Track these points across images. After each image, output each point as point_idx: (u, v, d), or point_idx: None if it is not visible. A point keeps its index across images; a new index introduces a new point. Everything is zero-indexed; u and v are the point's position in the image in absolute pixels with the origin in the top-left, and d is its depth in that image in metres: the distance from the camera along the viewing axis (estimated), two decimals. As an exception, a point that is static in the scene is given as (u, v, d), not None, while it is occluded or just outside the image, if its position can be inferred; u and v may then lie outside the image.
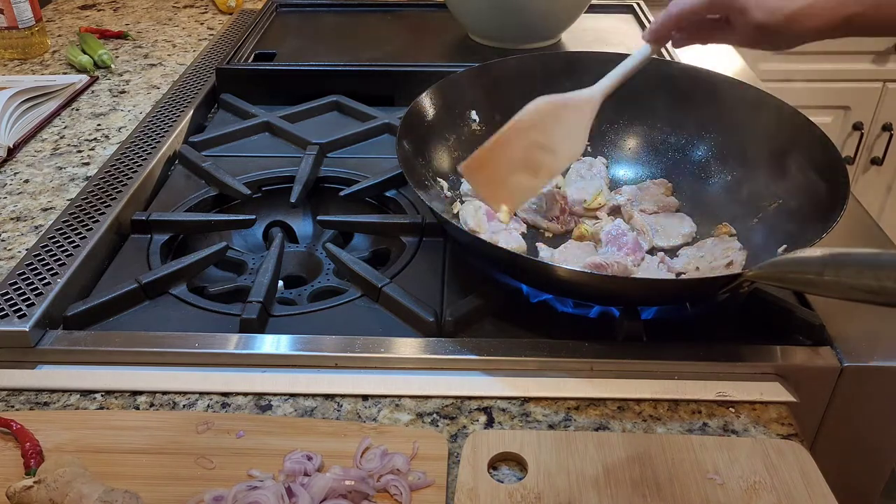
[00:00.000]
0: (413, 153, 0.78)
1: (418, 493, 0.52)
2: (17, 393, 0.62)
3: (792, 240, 0.68)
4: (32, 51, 1.25)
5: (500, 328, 0.67)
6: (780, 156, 0.76)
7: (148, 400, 0.62)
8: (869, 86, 1.90)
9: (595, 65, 0.88)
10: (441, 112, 0.83)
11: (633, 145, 0.87)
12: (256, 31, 1.21)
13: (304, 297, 0.75)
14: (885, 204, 2.06)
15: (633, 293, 0.66)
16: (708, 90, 0.84)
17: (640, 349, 0.64)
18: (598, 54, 0.91)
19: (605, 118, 0.87)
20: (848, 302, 0.51)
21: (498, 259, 0.68)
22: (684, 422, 0.59)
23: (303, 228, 0.90)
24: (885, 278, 0.47)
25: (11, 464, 0.54)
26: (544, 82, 0.88)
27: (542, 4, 1.11)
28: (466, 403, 0.61)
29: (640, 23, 1.26)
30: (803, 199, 0.72)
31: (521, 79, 0.88)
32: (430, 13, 1.31)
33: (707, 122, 0.83)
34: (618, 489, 0.52)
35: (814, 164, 0.73)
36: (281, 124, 1.00)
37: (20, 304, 0.66)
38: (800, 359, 0.63)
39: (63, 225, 0.78)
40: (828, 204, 0.67)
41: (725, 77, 0.85)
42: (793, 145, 0.76)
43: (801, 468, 0.54)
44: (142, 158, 0.90)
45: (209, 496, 0.51)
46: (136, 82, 1.15)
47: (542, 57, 0.92)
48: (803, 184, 0.73)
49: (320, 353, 0.64)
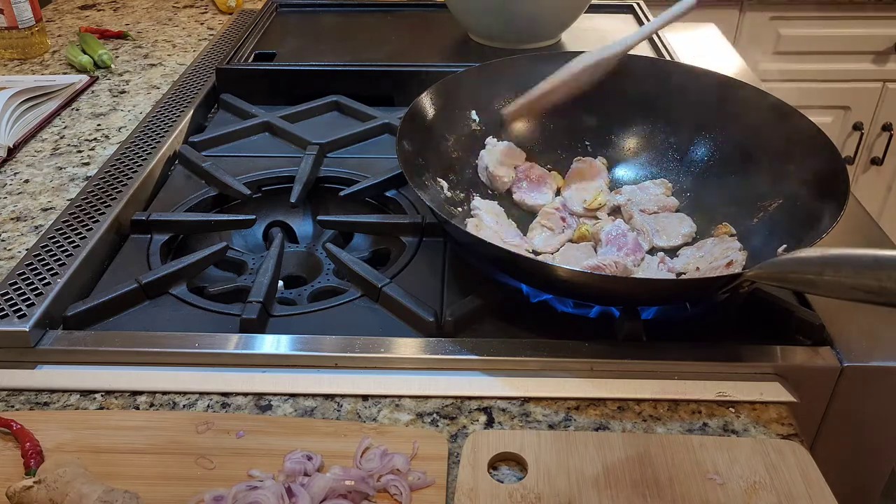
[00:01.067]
0: (413, 153, 0.78)
1: (418, 493, 0.52)
2: (17, 393, 0.62)
3: (792, 240, 0.68)
4: (32, 51, 1.25)
5: (500, 328, 0.67)
6: (780, 156, 0.76)
7: (148, 400, 0.62)
8: (869, 86, 1.90)
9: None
10: (441, 112, 0.83)
11: (634, 145, 0.87)
12: (256, 31, 1.21)
13: (304, 298, 0.75)
14: (885, 204, 2.06)
15: (633, 293, 0.66)
16: (708, 90, 0.84)
17: (640, 349, 0.64)
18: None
19: (605, 118, 0.88)
20: (848, 302, 0.51)
21: (498, 259, 0.68)
22: (684, 422, 0.59)
23: (303, 228, 0.90)
24: (884, 279, 0.47)
25: (11, 464, 0.54)
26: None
27: (542, 4, 1.11)
28: (466, 403, 0.61)
29: (640, 23, 1.26)
30: (803, 199, 0.72)
31: (521, 79, 0.88)
32: (430, 13, 1.31)
33: (707, 122, 0.83)
34: (618, 489, 0.52)
35: (814, 164, 0.73)
36: (281, 124, 1.00)
37: (20, 304, 0.66)
38: (800, 359, 0.63)
39: (63, 225, 0.78)
40: (828, 204, 0.67)
41: (725, 77, 0.85)
42: (793, 145, 0.76)
43: (801, 468, 0.54)
44: (142, 158, 0.90)
45: (209, 496, 0.51)
46: (136, 82, 1.15)
47: (542, 57, 0.92)
48: (803, 184, 0.73)
49: (320, 353, 0.64)
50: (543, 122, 0.88)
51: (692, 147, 0.84)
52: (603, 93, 0.86)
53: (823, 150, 0.72)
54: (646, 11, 1.29)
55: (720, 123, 0.82)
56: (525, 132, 0.88)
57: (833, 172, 0.69)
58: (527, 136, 0.88)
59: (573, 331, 0.66)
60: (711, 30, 1.36)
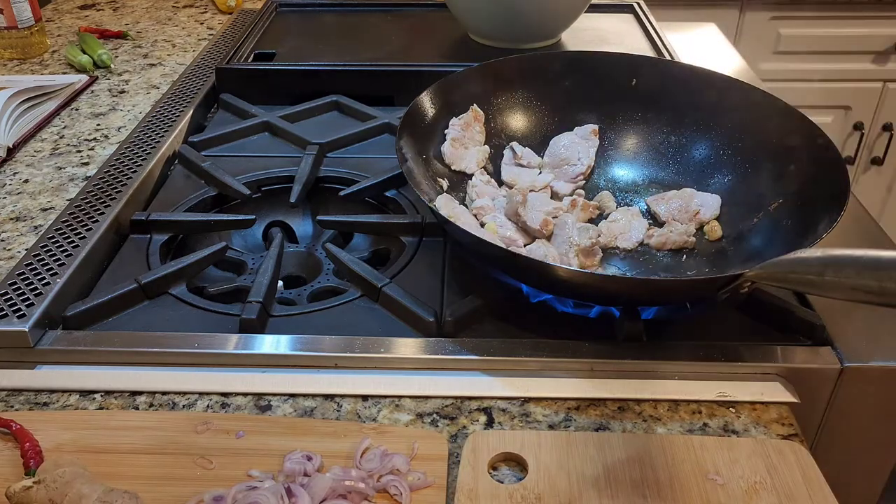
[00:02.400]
0: (413, 153, 0.78)
1: (418, 493, 0.52)
2: (17, 393, 0.62)
3: (792, 240, 0.68)
4: (32, 51, 1.25)
5: (499, 328, 0.67)
6: (780, 156, 0.76)
7: (147, 400, 0.62)
8: (869, 86, 1.90)
9: (595, 65, 0.89)
10: (441, 112, 0.83)
11: (632, 145, 0.87)
12: (256, 31, 1.21)
13: (304, 298, 0.75)
14: (885, 204, 2.06)
15: (633, 293, 0.66)
16: (708, 90, 0.84)
17: (640, 349, 0.64)
18: (598, 54, 0.91)
19: (604, 118, 0.88)
20: (848, 302, 0.51)
21: (498, 258, 0.67)
22: (684, 422, 0.59)
23: (302, 228, 0.90)
24: (885, 279, 0.47)
25: (11, 464, 0.54)
26: (544, 82, 0.89)
27: (542, 4, 1.11)
28: (466, 403, 0.61)
29: (640, 23, 1.26)
30: (804, 200, 0.72)
31: (521, 79, 0.88)
32: (430, 13, 1.31)
33: (707, 122, 0.83)
34: (618, 489, 0.52)
35: (814, 164, 0.73)
36: (281, 124, 1.00)
37: (19, 304, 0.66)
38: (800, 359, 0.63)
39: (62, 225, 0.78)
40: (828, 204, 0.67)
41: (725, 77, 0.85)
42: (793, 145, 0.76)
43: (801, 468, 0.54)
44: (141, 158, 0.90)
45: (209, 496, 0.51)
46: (136, 82, 1.15)
47: (542, 57, 0.92)
48: (803, 184, 0.73)
49: (320, 353, 0.64)
50: (543, 120, 0.88)
51: (692, 147, 0.84)
52: (603, 92, 0.86)
53: (823, 150, 0.72)
54: (646, 11, 1.29)
55: (720, 123, 0.82)
56: (523, 129, 0.88)
57: (833, 173, 0.69)
58: (526, 134, 0.88)
59: (573, 331, 0.66)
60: (711, 30, 1.36)
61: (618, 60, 0.89)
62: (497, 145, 0.87)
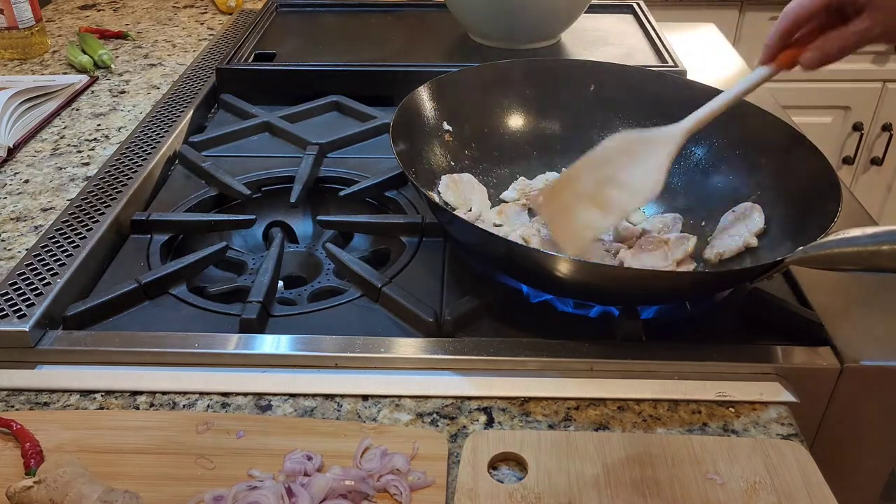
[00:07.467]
0: (413, 152, 0.78)
1: (418, 493, 0.52)
2: (17, 393, 0.62)
3: (792, 240, 0.68)
4: (32, 51, 1.25)
5: (499, 328, 0.67)
6: (776, 160, 0.76)
7: (148, 400, 0.62)
8: (869, 86, 1.90)
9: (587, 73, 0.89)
10: (441, 111, 0.83)
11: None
12: (256, 31, 1.21)
13: (304, 297, 0.75)
14: (885, 204, 2.06)
15: (673, 286, 0.65)
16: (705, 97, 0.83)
17: (640, 349, 0.64)
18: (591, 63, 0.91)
19: (602, 122, 0.87)
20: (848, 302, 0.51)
21: (496, 251, 0.67)
22: (684, 422, 0.59)
23: (303, 228, 0.90)
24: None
25: (11, 464, 0.54)
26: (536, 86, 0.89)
27: (542, 4, 1.11)
28: (466, 403, 0.61)
29: (639, 23, 1.26)
30: (798, 203, 0.71)
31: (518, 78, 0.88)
32: (430, 13, 1.31)
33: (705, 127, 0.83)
34: (618, 489, 0.52)
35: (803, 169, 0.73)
36: (281, 124, 1.00)
37: (20, 304, 0.66)
38: (800, 359, 0.63)
39: (63, 225, 0.78)
40: (824, 206, 0.66)
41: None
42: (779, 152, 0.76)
43: (801, 468, 0.54)
44: (142, 159, 0.90)
45: (209, 496, 0.51)
46: (136, 82, 1.15)
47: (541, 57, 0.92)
48: (796, 189, 0.73)
49: (320, 353, 0.64)
50: (541, 125, 0.88)
51: (690, 151, 0.83)
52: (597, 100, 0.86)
53: (810, 157, 0.72)
54: (646, 11, 1.29)
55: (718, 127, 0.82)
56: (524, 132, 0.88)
57: (822, 176, 0.69)
58: (526, 137, 0.88)
59: (573, 331, 0.66)
60: (711, 30, 1.36)
61: (615, 68, 0.89)
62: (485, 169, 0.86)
